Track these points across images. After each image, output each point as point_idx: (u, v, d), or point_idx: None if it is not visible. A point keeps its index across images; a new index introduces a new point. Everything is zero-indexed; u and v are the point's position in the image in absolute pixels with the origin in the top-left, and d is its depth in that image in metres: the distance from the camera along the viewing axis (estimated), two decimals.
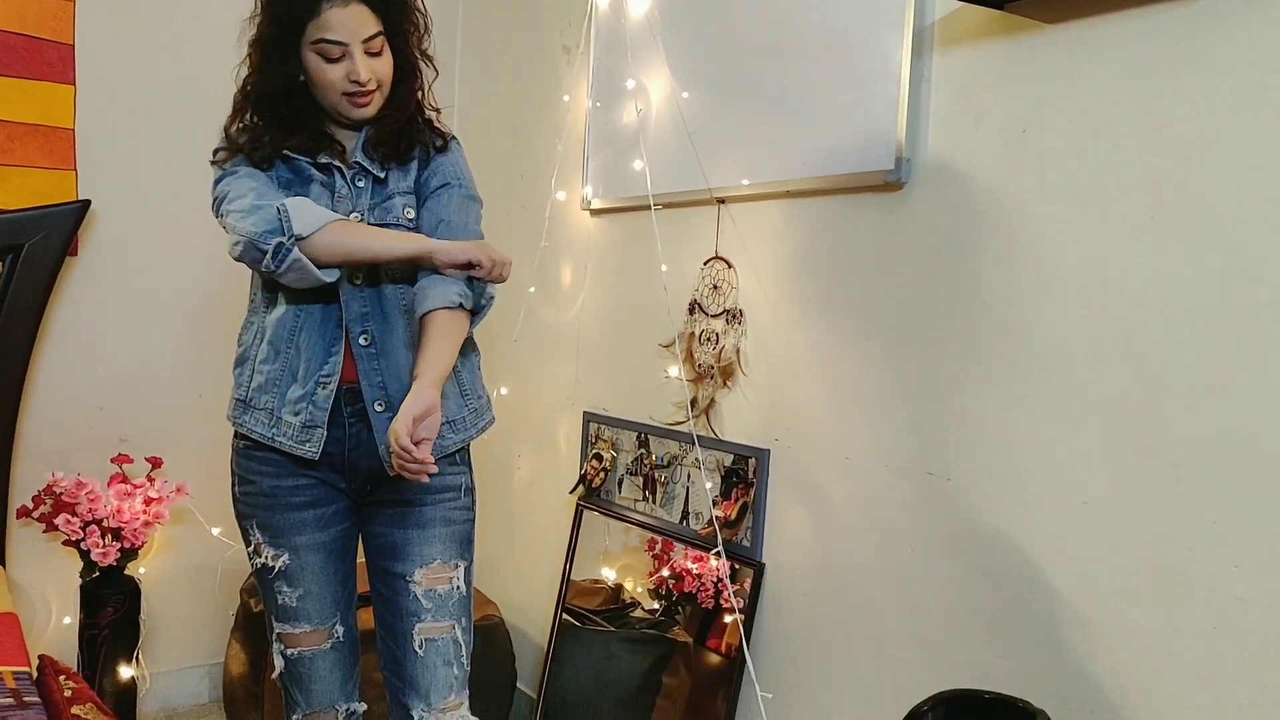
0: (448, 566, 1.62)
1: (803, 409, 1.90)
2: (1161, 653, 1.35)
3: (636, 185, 2.24)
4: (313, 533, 1.59)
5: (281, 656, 1.63)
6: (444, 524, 1.62)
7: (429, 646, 1.60)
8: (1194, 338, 1.32)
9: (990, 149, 1.57)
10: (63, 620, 2.50)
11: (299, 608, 1.60)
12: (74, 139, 2.45)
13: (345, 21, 1.48)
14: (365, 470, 1.58)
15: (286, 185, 1.55)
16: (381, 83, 1.55)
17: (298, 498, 1.58)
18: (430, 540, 1.60)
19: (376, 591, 1.65)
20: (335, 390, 1.53)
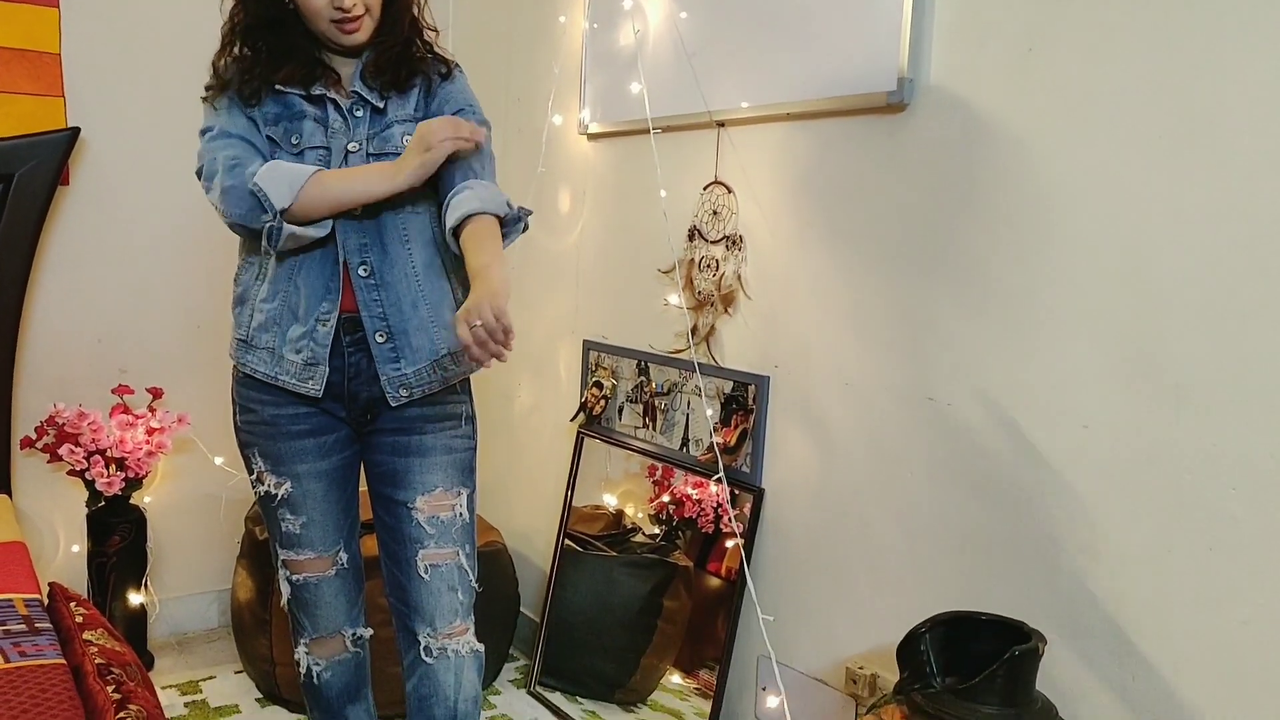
0: (450, 494, 1.61)
1: (803, 335, 1.89)
2: (1159, 574, 1.37)
3: (635, 109, 2.20)
4: (314, 461, 1.60)
5: (287, 583, 1.65)
6: (445, 452, 1.61)
7: (434, 573, 1.60)
8: (1199, 259, 1.30)
9: (995, 68, 1.53)
10: (71, 548, 2.53)
11: (302, 535, 1.62)
12: (60, 64, 2.40)
13: None
14: (364, 399, 1.58)
15: (276, 121, 1.52)
16: (370, 6, 1.50)
17: (298, 426, 1.58)
18: (431, 468, 1.60)
19: (380, 519, 1.66)
20: (335, 325, 1.52)
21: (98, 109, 2.44)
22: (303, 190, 1.44)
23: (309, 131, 1.52)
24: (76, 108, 2.41)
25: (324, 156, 1.51)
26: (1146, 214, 1.36)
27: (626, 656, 2.32)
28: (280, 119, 1.52)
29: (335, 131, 1.53)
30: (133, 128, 2.50)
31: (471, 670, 1.65)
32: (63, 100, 2.40)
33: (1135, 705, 1.40)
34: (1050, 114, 1.46)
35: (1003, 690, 1.32)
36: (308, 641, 1.70)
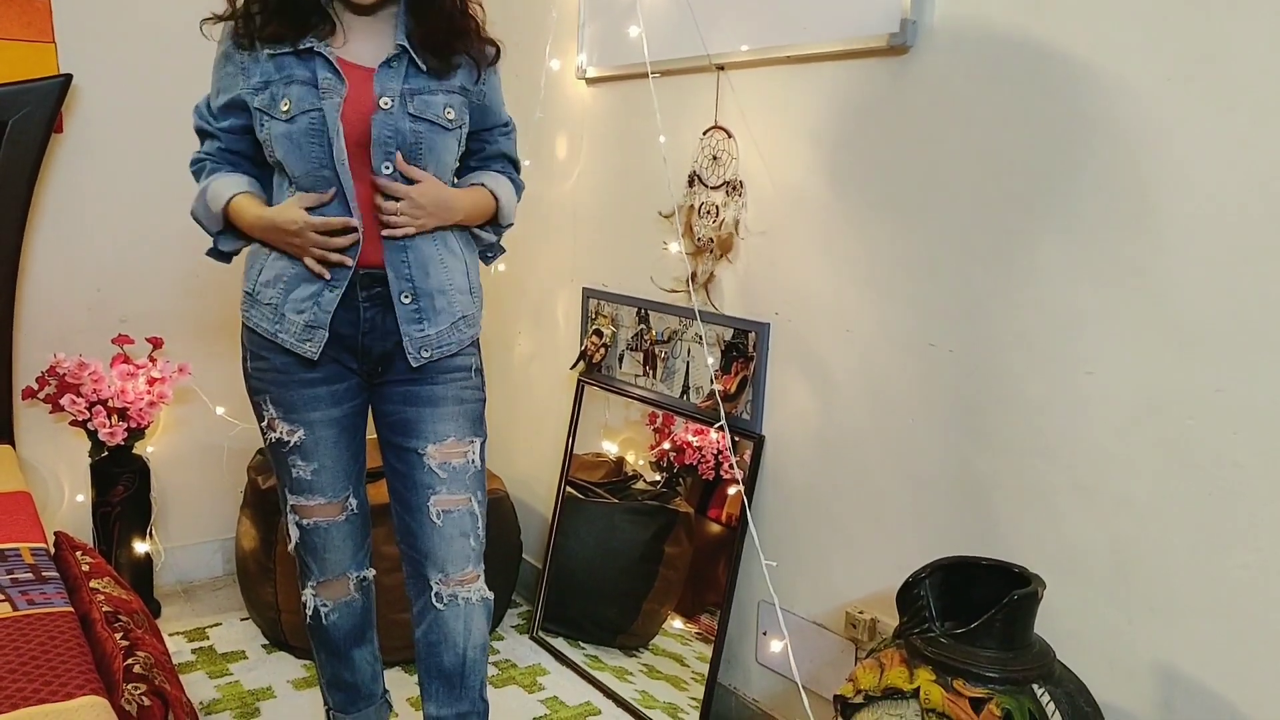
0: (462, 442, 1.63)
1: (803, 282, 1.88)
2: (1160, 520, 1.38)
3: (633, 52, 2.16)
4: (326, 408, 1.60)
5: (297, 527, 1.66)
6: (456, 402, 1.62)
7: (445, 518, 1.62)
8: (1206, 200, 1.29)
9: (1000, 8, 1.50)
10: (76, 498, 2.55)
11: (314, 481, 1.63)
12: (50, 8, 2.35)
13: None
14: (377, 354, 1.58)
15: (264, 87, 1.49)
16: None
17: (311, 374, 1.58)
18: (443, 418, 1.61)
19: (390, 466, 1.66)
20: (344, 290, 1.52)
21: (90, 55, 2.40)
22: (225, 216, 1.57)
23: (297, 96, 1.47)
24: (68, 54, 2.38)
25: (316, 120, 1.46)
26: (1154, 153, 1.34)
27: (628, 602, 2.34)
28: (271, 83, 1.48)
29: (326, 90, 1.47)
30: (126, 75, 2.46)
31: (481, 618, 1.67)
32: (54, 46, 2.36)
33: (1133, 648, 1.42)
34: (1058, 53, 1.43)
35: (1001, 634, 1.33)
36: (315, 584, 1.71)
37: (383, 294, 1.54)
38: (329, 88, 1.47)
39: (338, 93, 1.47)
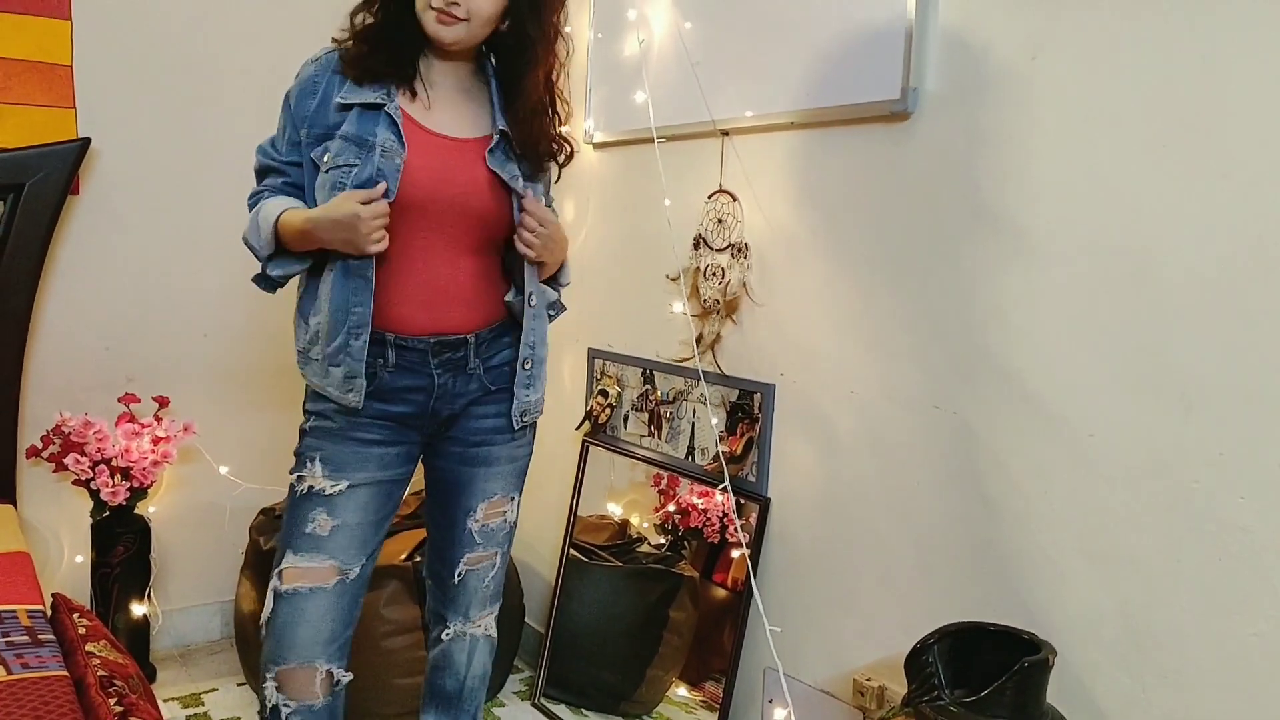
0: (504, 500, 1.69)
1: (808, 343, 1.88)
2: (1168, 585, 1.35)
3: (639, 118, 2.20)
4: (373, 470, 1.57)
5: (273, 595, 1.54)
6: (509, 461, 1.68)
7: (470, 574, 1.69)
8: (1204, 265, 1.29)
9: (999, 76, 1.52)
10: (75, 559, 2.53)
11: (327, 539, 1.53)
12: (72, 76, 2.41)
13: None
14: (445, 416, 1.60)
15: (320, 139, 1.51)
16: (473, 15, 1.47)
17: (368, 434, 1.56)
18: (494, 476, 1.66)
19: (433, 516, 1.71)
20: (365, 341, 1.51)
21: (108, 119, 2.45)
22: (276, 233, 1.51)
23: (336, 150, 1.48)
24: (87, 118, 2.43)
25: (345, 175, 1.46)
26: (1151, 221, 1.35)
27: (632, 668, 2.30)
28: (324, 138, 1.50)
29: (387, 152, 1.46)
30: (143, 138, 2.51)
31: (484, 653, 1.76)
32: (74, 111, 2.42)
33: (1148, 717, 1.38)
34: (1055, 120, 1.46)
35: (1012, 703, 1.30)
36: (276, 674, 1.55)
37: (453, 360, 1.57)
38: (390, 150, 1.47)
39: (398, 155, 1.47)
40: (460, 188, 1.52)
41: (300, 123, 1.53)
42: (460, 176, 1.53)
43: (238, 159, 2.57)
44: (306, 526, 1.54)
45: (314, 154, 1.51)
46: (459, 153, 1.54)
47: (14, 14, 2.32)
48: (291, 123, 1.54)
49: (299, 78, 1.55)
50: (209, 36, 2.56)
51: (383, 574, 1.73)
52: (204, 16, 2.55)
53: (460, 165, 1.53)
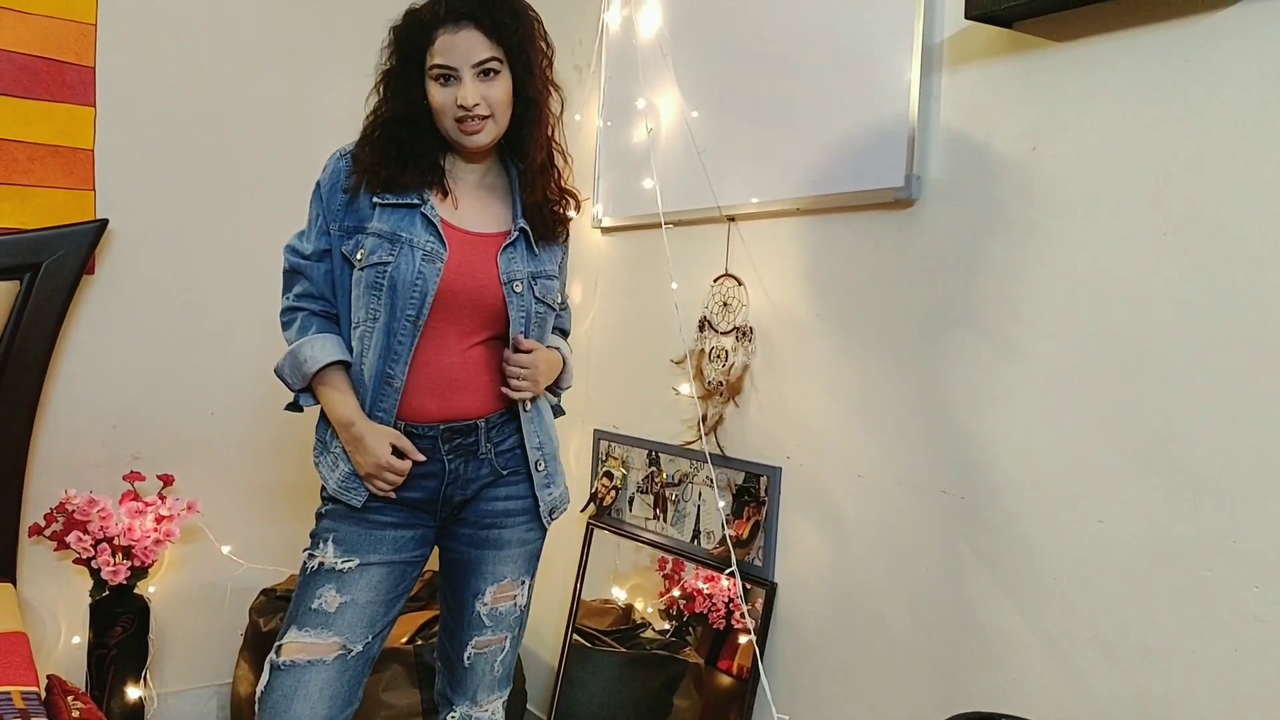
0: (515, 584, 1.66)
1: (814, 426, 1.88)
2: (1183, 675, 1.33)
3: (647, 203, 2.24)
4: (389, 552, 1.56)
5: (270, 668, 1.49)
6: (520, 544, 1.66)
7: (478, 658, 1.66)
8: (1209, 352, 1.30)
9: (1000, 166, 1.56)
10: (72, 640, 2.49)
11: (334, 615, 1.50)
12: (93, 160, 2.47)
13: (455, 46, 1.47)
14: (457, 502, 1.61)
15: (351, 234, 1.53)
16: (494, 109, 1.51)
17: (384, 517, 1.56)
18: (505, 560, 1.65)
19: (445, 598, 1.70)
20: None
21: (126, 202, 2.50)
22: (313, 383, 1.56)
23: (371, 248, 1.50)
24: (106, 200, 2.48)
25: (381, 273, 1.49)
26: (1154, 307, 1.36)
27: None
28: (355, 233, 1.53)
29: (429, 256, 1.49)
30: (159, 221, 2.56)
31: None
32: (93, 193, 2.47)
33: None
34: (1056, 209, 1.48)
35: None
36: None
37: (464, 445, 1.58)
38: (432, 253, 1.50)
39: (439, 258, 1.50)
40: (478, 281, 1.54)
41: (331, 216, 1.55)
42: (479, 272, 1.55)
43: (248, 244, 2.64)
44: (314, 602, 1.51)
45: (345, 249, 1.54)
46: (481, 247, 1.56)
47: (41, 100, 2.40)
48: (322, 215, 1.57)
49: (329, 170, 1.57)
50: (228, 125, 2.63)
51: (384, 656, 1.71)
52: (224, 105, 2.63)
53: (480, 260, 1.56)
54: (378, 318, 1.50)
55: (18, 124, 2.37)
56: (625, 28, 2.38)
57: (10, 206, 2.37)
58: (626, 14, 2.38)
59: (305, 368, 1.53)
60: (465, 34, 1.48)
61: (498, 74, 1.50)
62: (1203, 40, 1.31)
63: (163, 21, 2.54)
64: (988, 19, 1.50)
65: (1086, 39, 1.44)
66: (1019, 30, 1.52)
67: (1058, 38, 1.48)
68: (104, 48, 2.46)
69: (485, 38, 1.48)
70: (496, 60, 1.50)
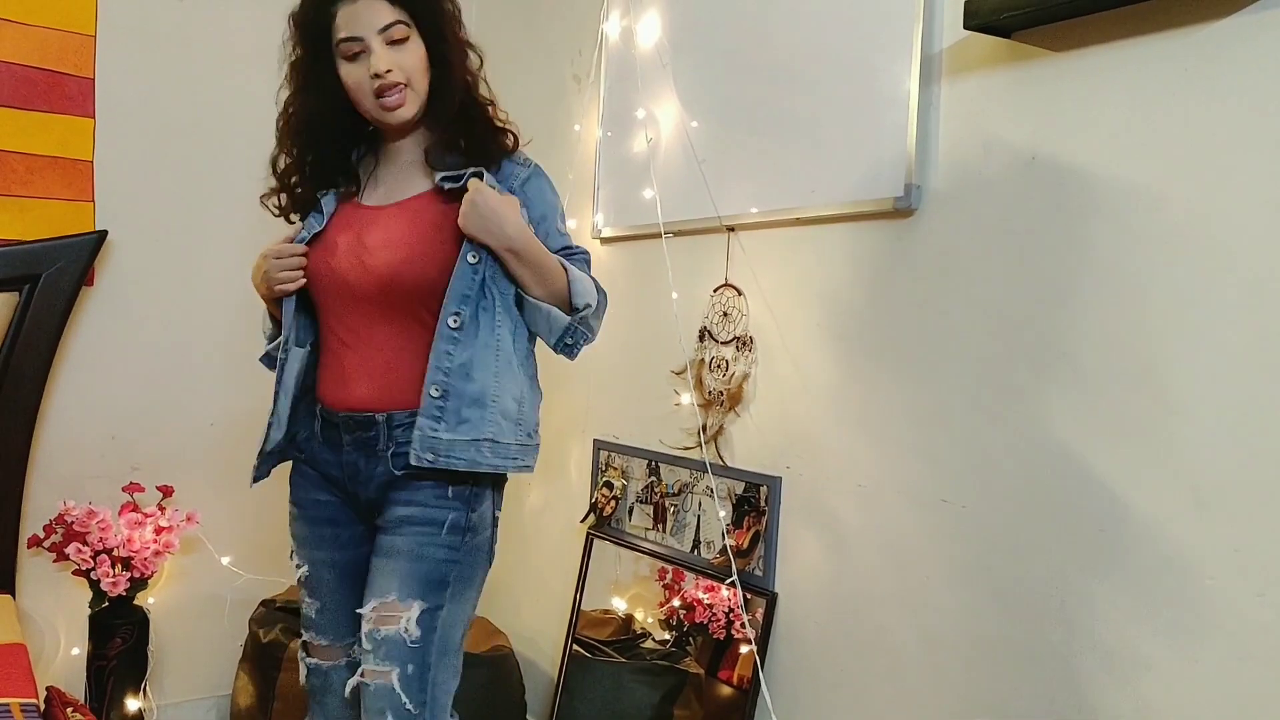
0: (401, 604, 1.42)
1: (814, 436, 1.88)
2: (1186, 685, 1.32)
3: (647, 213, 2.24)
4: (330, 550, 1.59)
5: (303, 664, 1.65)
6: (412, 559, 1.44)
7: (364, 690, 1.42)
8: (1209, 360, 1.30)
9: (999, 175, 1.56)
10: (71, 651, 2.49)
11: (317, 620, 1.61)
12: (92, 171, 2.48)
13: (358, 15, 1.43)
14: (364, 500, 1.54)
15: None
16: (410, 75, 1.45)
17: (320, 512, 1.59)
18: (392, 573, 1.44)
19: None
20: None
21: (126, 213, 2.51)
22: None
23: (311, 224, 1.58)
24: (106, 212, 2.48)
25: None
26: (1156, 315, 1.36)
27: None
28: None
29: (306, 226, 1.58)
30: (158, 232, 2.56)
31: None
32: (93, 205, 2.47)
33: None
34: (1055, 219, 1.48)
35: None
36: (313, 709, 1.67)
37: (364, 439, 1.49)
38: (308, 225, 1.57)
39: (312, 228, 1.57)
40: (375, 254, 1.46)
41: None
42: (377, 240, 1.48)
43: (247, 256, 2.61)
44: (305, 608, 1.64)
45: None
46: (386, 218, 1.50)
47: (40, 112, 2.40)
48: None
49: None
50: (227, 137, 2.63)
51: None
52: (223, 117, 2.63)
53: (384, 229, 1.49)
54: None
55: (17, 135, 2.37)
56: (624, 38, 2.38)
57: (9, 218, 2.37)
58: (626, 24, 2.38)
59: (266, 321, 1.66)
60: (365, 2, 1.42)
61: (406, 39, 1.45)
62: (1202, 50, 1.31)
63: (162, 33, 2.54)
64: (987, 29, 1.51)
65: (1085, 49, 1.45)
66: (1018, 40, 1.52)
67: (1057, 48, 1.48)
68: (103, 59, 2.47)
69: (387, 2, 1.43)
70: (402, 24, 1.44)
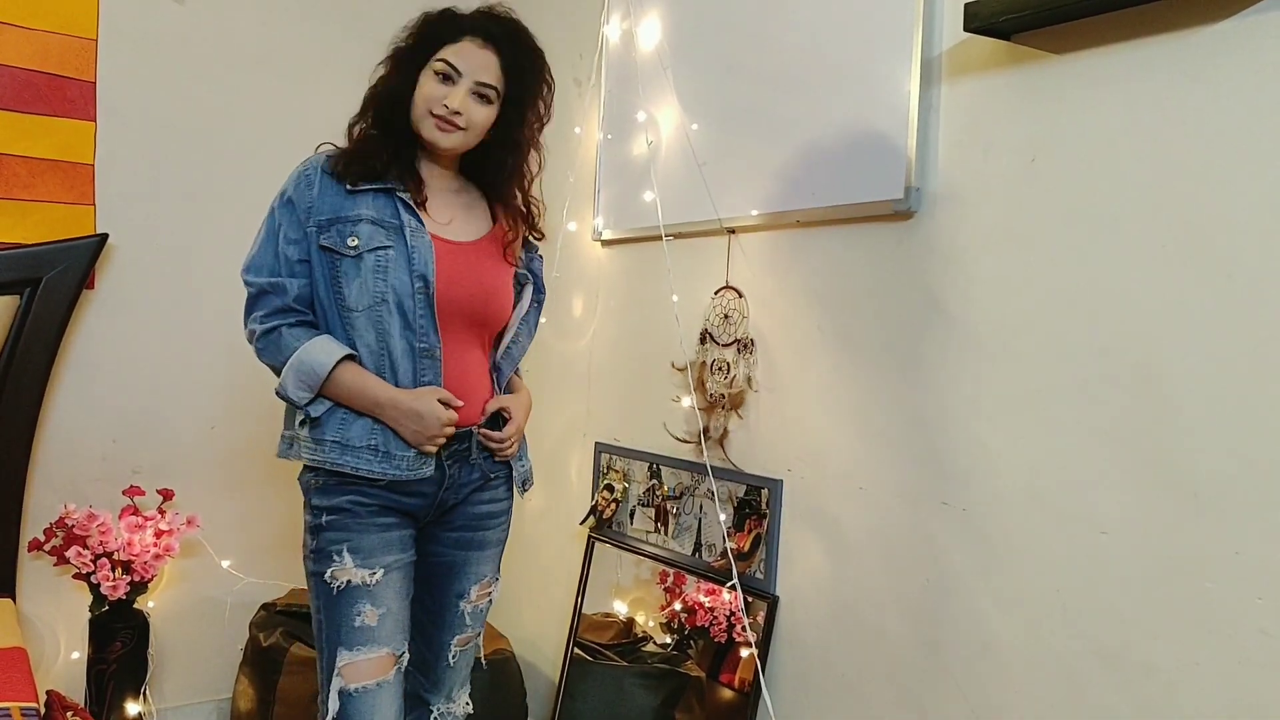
0: (492, 582, 1.75)
1: (815, 438, 1.88)
2: (1185, 688, 1.32)
3: (647, 216, 2.24)
4: (398, 553, 1.60)
5: (340, 697, 1.51)
6: (496, 544, 1.75)
7: (461, 655, 1.72)
8: (1208, 364, 1.30)
9: (999, 178, 1.56)
10: (71, 655, 2.49)
11: (377, 629, 1.53)
12: (93, 174, 2.48)
13: (473, 55, 1.57)
14: (449, 505, 1.67)
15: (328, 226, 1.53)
16: (471, 126, 1.58)
17: (384, 519, 1.58)
18: (486, 560, 1.73)
19: (421, 601, 1.68)
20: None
21: (127, 217, 2.51)
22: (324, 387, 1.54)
23: (367, 234, 1.53)
24: (106, 215, 2.49)
25: (383, 257, 1.53)
26: (1153, 319, 1.36)
27: None
28: (334, 223, 1.54)
29: (414, 230, 1.55)
30: (159, 235, 2.56)
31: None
32: (93, 208, 2.48)
33: None
34: (1055, 222, 1.48)
35: None
36: None
37: (459, 451, 1.63)
38: (415, 227, 1.56)
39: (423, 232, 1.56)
40: (470, 289, 1.61)
41: (305, 213, 1.55)
42: (470, 278, 1.61)
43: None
44: (355, 620, 1.53)
45: (326, 240, 1.53)
46: (474, 254, 1.64)
47: (42, 115, 2.40)
48: (293, 218, 1.56)
49: (293, 180, 1.59)
50: (228, 140, 2.64)
51: None
52: (224, 120, 2.64)
53: (474, 266, 1.63)
54: (386, 298, 1.53)
55: (18, 139, 2.38)
56: (625, 41, 2.39)
57: (10, 221, 2.37)
58: (626, 27, 2.38)
59: (319, 370, 1.51)
60: (486, 53, 1.58)
61: (490, 102, 1.59)
62: (1201, 53, 1.31)
63: (163, 37, 2.55)
64: (986, 31, 1.51)
65: (1085, 51, 1.45)
66: (1017, 42, 1.52)
67: (1056, 50, 1.48)
68: (104, 63, 2.47)
69: (499, 67, 1.59)
70: (495, 90, 1.59)
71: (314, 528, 1.57)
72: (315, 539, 1.57)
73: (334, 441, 1.55)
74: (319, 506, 1.57)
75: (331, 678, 1.52)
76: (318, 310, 1.58)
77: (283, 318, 1.56)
